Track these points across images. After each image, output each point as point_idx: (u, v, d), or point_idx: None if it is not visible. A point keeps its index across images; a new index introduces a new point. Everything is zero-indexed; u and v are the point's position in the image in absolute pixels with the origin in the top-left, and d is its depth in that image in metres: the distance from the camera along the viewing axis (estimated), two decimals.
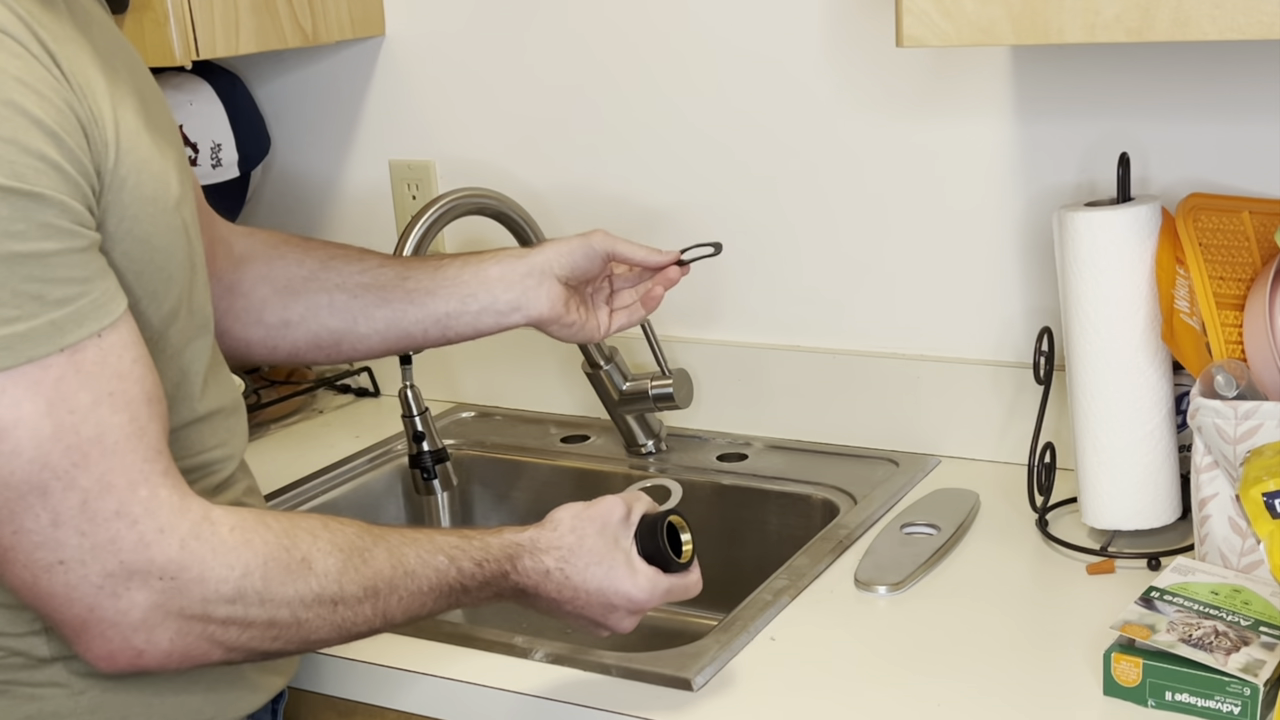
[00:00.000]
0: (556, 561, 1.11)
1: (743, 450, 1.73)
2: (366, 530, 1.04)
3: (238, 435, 1.17)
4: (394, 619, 1.04)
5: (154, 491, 0.93)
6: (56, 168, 0.90)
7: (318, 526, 1.02)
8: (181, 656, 0.96)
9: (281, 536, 0.98)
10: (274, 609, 0.97)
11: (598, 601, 1.12)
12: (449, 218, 1.60)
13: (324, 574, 0.99)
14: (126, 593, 0.92)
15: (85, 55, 0.98)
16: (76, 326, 0.90)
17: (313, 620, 0.99)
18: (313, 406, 1.97)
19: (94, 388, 0.91)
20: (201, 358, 1.11)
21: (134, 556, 0.92)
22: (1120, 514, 1.38)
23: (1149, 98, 1.48)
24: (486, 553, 1.09)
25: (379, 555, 1.03)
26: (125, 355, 0.93)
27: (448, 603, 1.07)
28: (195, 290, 1.09)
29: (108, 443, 0.91)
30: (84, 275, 0.91)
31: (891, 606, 1.33)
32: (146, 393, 0.94)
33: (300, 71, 1.97)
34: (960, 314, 1.63)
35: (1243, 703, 1.08)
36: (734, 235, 1.72)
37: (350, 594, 1.00)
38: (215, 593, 0.95)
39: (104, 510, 0.91)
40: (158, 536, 0.93)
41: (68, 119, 0.91)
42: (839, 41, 1.61)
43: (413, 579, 1.04)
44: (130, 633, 0.94)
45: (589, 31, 1.75)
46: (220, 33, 1.65)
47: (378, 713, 1.29)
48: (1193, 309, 1.32)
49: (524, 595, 1.11)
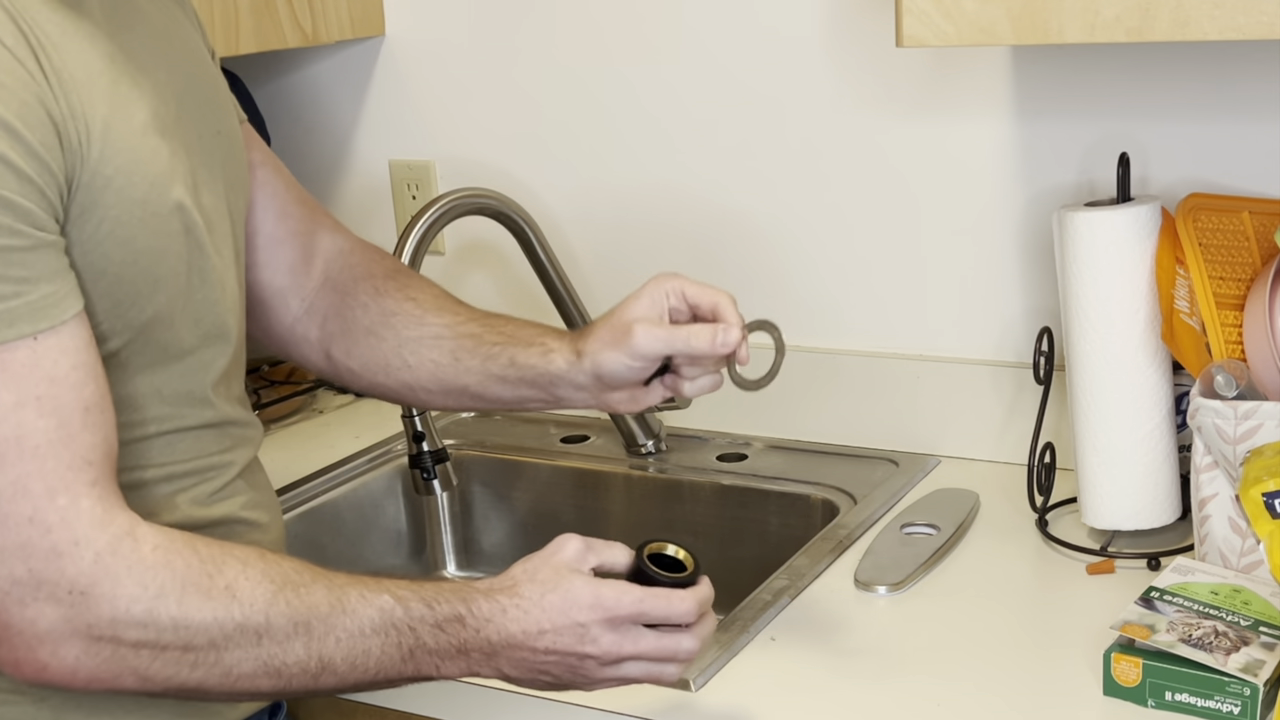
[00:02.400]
0: (511, 597, 1.01)
1: (743, 450, 1.73)
2: (308, 567, 0.99)
3: (247, 444, 1.15)
4: (333, 664, 0.97)
5: (74, 501, 0.90)
6: (6, 163, 0.88)
7: (253, 556, 0.97)
8: (89, 677, 0.93)
9: (207, 562, 0.94)
10: (189, 635, 0.93)
11: (565, 623, 1.00)
12: (449, 218, 1.60)
13: (248, 603, 0.94)
14: (34, 602, 0.90)
15: (94, 53, 0.96)
16: (5, 327, 0.88)
17: (234, 652, 0.94)
18: (313, 406, 1.97)
19: (19, 389, 0.89)
20: (213, 366, 1.09)
21: (44, 565, 0.89)
22: (1120, 514, 1.38)
23: (1149, 98, 1.48)
24: (438, 593, 1.00)
25: (316, 591, 0.97)
26: (63, 361, 0.91)
27: (398, 653, 0.99)
28: (202, 297, 1.06)
29: (27, 445, 0.89)
30: (22, 275, 0.89)
31: (891, 606, 1.33)
32: (84, 401, 0.92)
33: (300, 71, 1.97)
34: (960, 314, 1.63)
35: (1243, 703, 1.08)
36: (734, 235, 1.73)
37: (277, 626, 0.95)
38: (125, 612, 0.91)
39: (16, 514, 0.89)
40: (71, 548, 0.90)
41: (34, 113, 0.90)
42: (839, 41, 1.61)
43: (352, 617, 0.97)
44: (35, 644, 0.91)
45: (589, 32, 1.75)
46: (220, 33, 1.65)
47: (378, 713, 1.29)
48: (1193, 309, 1.32)
49: (489, 649, 1.01)
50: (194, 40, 1.15)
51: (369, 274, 1.29)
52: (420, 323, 1.26)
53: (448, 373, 1.24)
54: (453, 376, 1.24)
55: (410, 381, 1.26)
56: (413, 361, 1.25)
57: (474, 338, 1.24)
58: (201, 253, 1.05)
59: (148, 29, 1.06)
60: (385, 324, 1.26)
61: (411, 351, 1.25)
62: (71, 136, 0.92)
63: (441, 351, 1.25)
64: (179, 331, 1.05)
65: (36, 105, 0.90)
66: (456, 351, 1.24)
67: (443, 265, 1.93)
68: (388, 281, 1.29)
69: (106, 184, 0.95)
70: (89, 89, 0.95)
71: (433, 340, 1.25)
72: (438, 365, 1.24)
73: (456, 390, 1.25)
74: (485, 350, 1.23)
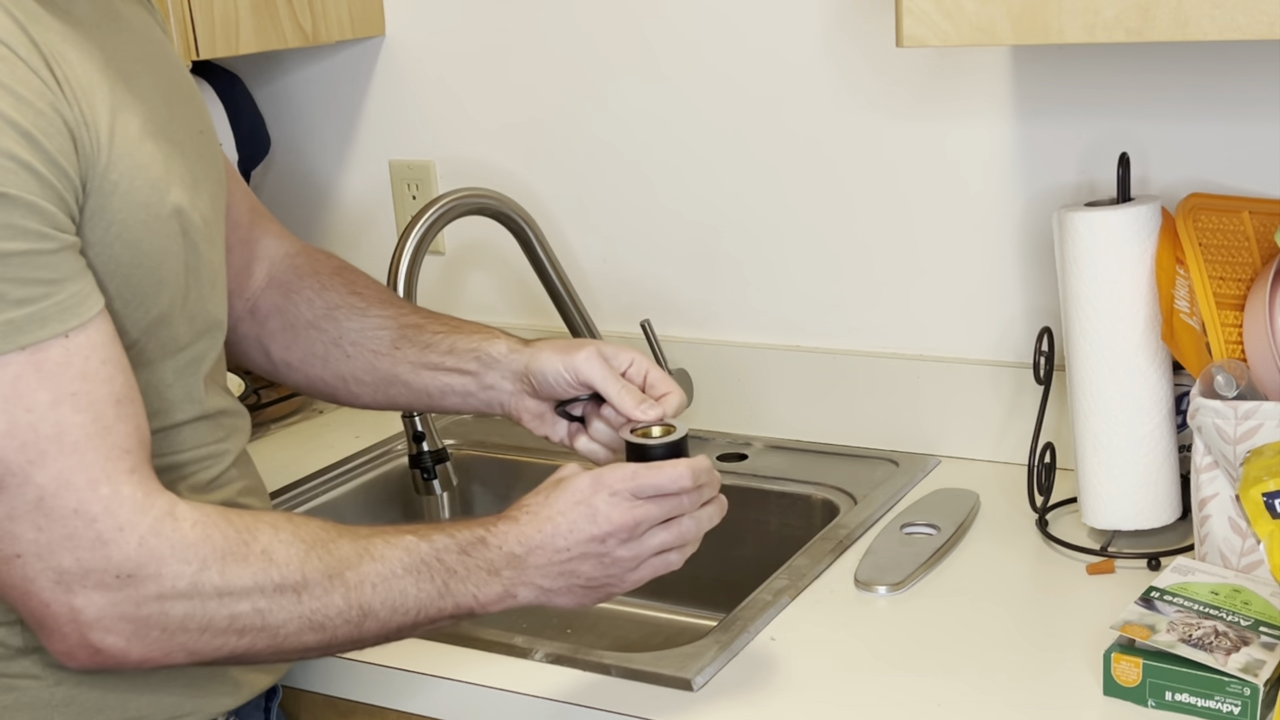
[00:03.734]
0: (522, 510, 1.08)
1: (743, 450, 1.73)
2: (332, 525, 1.03)
3: (238, 433, 1.17)
4: (373, 609, 1.01)
5: (116, 489, 0.93)
6: (29, 169, 0.90)
7: (281, 520, 1.01)
8: (140, 657, 0.96)
9: (242, 531, 0.98)
10: (233, 602, 0.96)
11: (571, 508, 1.06)
12: (449, 218, 1.60)
13: (284, 564, 0.98)
14: (82, 590, 0.93)
15: (91, 60, 0.99)
16: (38, 327, 0.91)
17: (277, 613, 0.98)
18: (313, 406, 1.97)
19: (55, 387, 0.91)
20: (205, 359, 1.12)
21: (90, 554, 0.92)
22: (1120, 514, 1.38)
23: (1149, 98, 1.48)
24: (457, 525, 1.06)
25: (343, 544, 1.01)
26: (93, 357, 0.93)
27: (433, 587, 1.03)
28: (196, 295, 1.09)
29: (67, 441, 0.92)
30: (51, 277, 0.92)
31: (891, 606, 1.33)
32: (115, 394, 0.95)
33: (300, 71, 1.97)
34: (960, 314, 1.63)
35: (1243, 703, 1.08)
36: (734, 235, 1.73)
37: (314, 581, 0.99)
38: (171, 588, 0.94)
39: (61, 507, 0.92)
40: (116, 534, 0.93)
41: (50, 122, 0.92)
42: (839, 41, 1.61)
43: (382, 562, 1.01)
44: (86, 630, 0.94)
45: (589, 31, 1.75)
46: (220, 33, 1.65)
47: (378, 713, 1.29)
48: (1193, 309, 1.32)
49: (516, 561, 1.06)
50: (167, 44, 1.17)
51: (314, 271, 1.32)
52: (363, 315, 1.29)
53: (384, 362, 1.27)
54: (388, 366, 1.27)
55: (345, 373, 1.29)
56: (351, 351, 1.28)
57: (416, 327, 1.28)
58: (196, 252, 1.08)
59: (130, 35, 1.08)
60: (328, 317, 1.30)
61: (351, 342, 1.28)
62: (85, 143, 0.95)
63: (381, 341, 1.28)
64: (177, 329, 1.08)
65: (53, 114, 0.93)
66: (397, 340, 1.27)
67: (443, 265, 1.93)
68: (333, 278, 1.32)
69: (114, 189, 0.97)
70: (93, 96, 0.97)
71: (374, 330, 1.28)
72: (375, 355, 1.28)
73: (388, 380, 1.28)
74: (426, 338, 1.27)
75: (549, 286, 1.70)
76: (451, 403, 1.27)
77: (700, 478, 1.10)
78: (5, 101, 0.90)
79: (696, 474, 1.09)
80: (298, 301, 1.31)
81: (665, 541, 1.09)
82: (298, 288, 1.31)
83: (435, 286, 1.92)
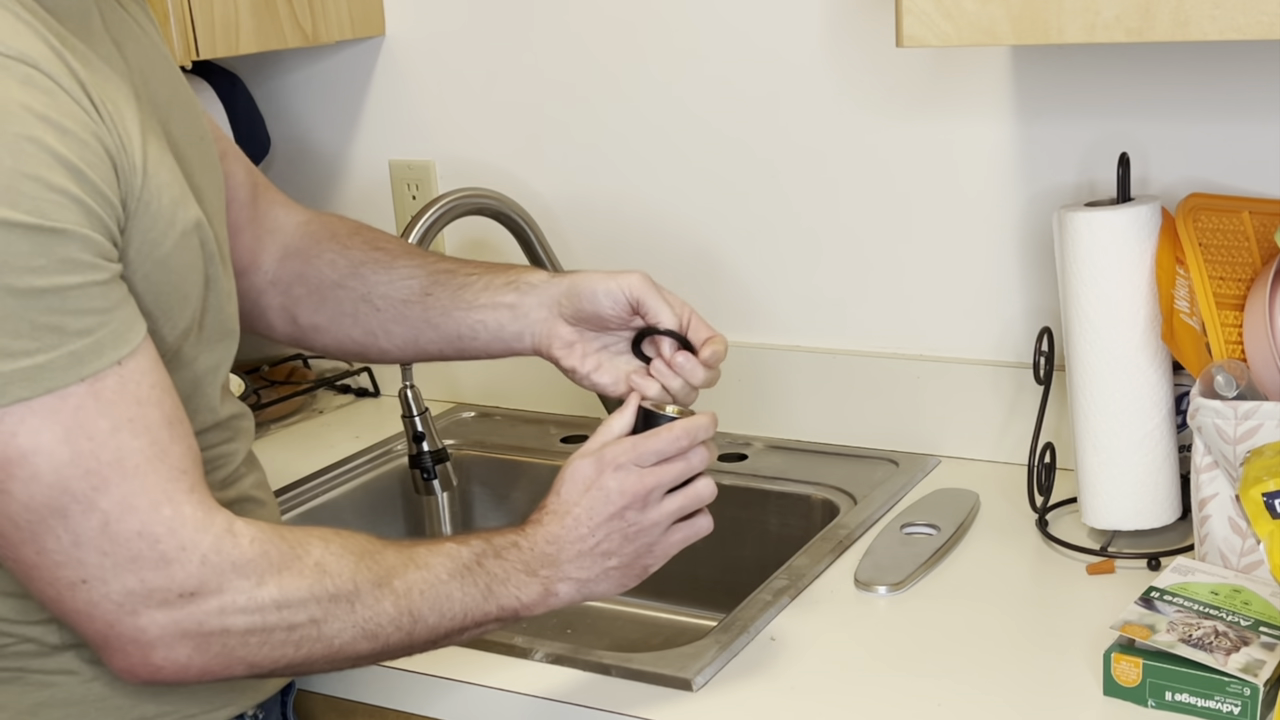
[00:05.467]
0: (543, 512, 1.11)
1: (743, 450, 1.73)
2: (375, 538, 1.06)
3: (244, 434, 1.19)
4: (422, 615, 1.04)
5: (178, 510, 0.95)
6: (79, 202, 0.91)
7: (330, 534, 1.03)
8: (200, 671, 0.98)
9: (295, 545, 1.00)
10: (291, 614, 0.98)
11: (583, 493, 1.10)
12: (449, 218, 1.60)
13: (337, 575, 1.00)
14: (146, 610, 0.94)
15: (117, 79, 1.00)
16: (96, 357, 0.92)
17: (332, 623, 1.00)
18: (313, 406, 1.97)
19: (113, 414, 0.93)
20: (221, 369, 1.14)
21: (154, 574, 0.94)
22: (1120, 514, 1.38)
23: (1149, 98, 1.48)
24: (492, 532, 1.10)
25: (389, 554, 1.04)
26: (144, 381, 0.95)
27: (477, 591, 1.06)
28: (215, 305, 1.10)
29: (128, 466, 0.93)
30: (104, 306, 0.93)
31: (891, 606, 1.33)
32: (166, 416, 0.96)
33: (300, 71, 1.97)
34: (960, 314, 1.63)
35: (1243, 703, 1.08)
36: (734, 235, 1.73)
37: (365, 590, 1.01)
38: (232, 603, 0.96)
39: (125, 531, 0.93)
40: (179, 553, 0.94)
41: (93, 152, 0.93)
42: (839, 41, 1.61)
43: (427, 569, 1.04)
44: (149, 649, 0.96)
45: (589, 31, 1.75)
46: (220, 33, 1.65)
47: (378, 713, 1.29)
48: (1193, 309, 1.32)
49: (549, 559, 1.09)
50: (163, 46, 1.18)
51: (332, 234, 1.33)
52: (389, 267, 1.29)
53: (414, 309, 1.27)
54: (419, 313, 1.27)
55: (375, 326, 1.29)
56: (380, 304, 1.29)
57: (449, 272, 1.28)
58: (214, 264, 1.09)
59: (139, 43, 1.09)
60: (354, 274, 1.30)
61: (381, 295, 1.29)
62: (124, 168, 0.96)
63: (411, 289, 1.28)
64: (198, 341, 1.09)
65: (95, 143, 0.93)
66: (428, 286, 1.27)
67: None
68: (352, 237, 1.32)
69: (145, 209, 0.98)
70: (125, 118, 0.98)
71: (402, 280, 1.28)
72: (405, 304, 1.28)
73: (418, 326, 1.28)
74: (460, 280, 1.26)
75: None
76: (482, 342, 1.26)
77: (698, 435, 1.12)
78: (53, 136, 0.90)
79: (693, 432, 1.12)
80: (319, 265, 1.31)
81: (683, 505, 1.12)
82: (317, 252, 1.31)
83: None
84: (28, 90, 0.90)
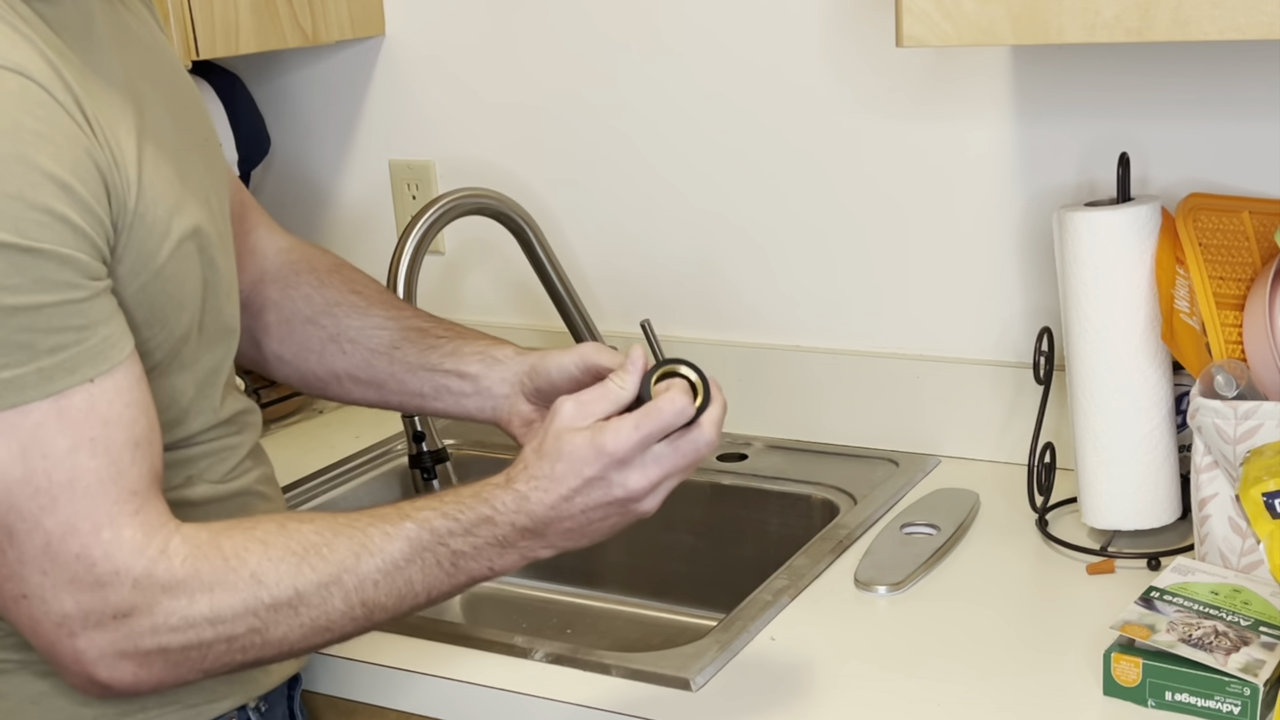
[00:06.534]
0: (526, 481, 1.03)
1: (743, 450, 1.73)
2: (329, 523, 1.02)
3: (250, 428, 1.19)
4: (379, 603, 1.01)
5: (117, 534, 0.94)
6: (63, 220, 0.91)
7: (273, 534, 1.00)
8: (154, 684, 0.98)
9: (231, 557, 0.98)
10: (227, 628, 0.97)
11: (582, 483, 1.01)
12: (449, 218, 1.60)
13: (274, 583, 0.98)
14: (84, 632, 0.95)
15: (114, 89, 0.99)
16: (67, 374, 0.92)
17: (277, 629, 0.99)
18: (313, 406, 1.97)
19: (74, 433, 0.92)
20: (223, 368, 1.14)
21: (89, 597, 0.94)
22: (1120, 514, 1.38)
23: (1149, 98, 1.48)
24: (460, 503, 1.03)
25: (339, 546, 1.00)
26: (117, 401, 0.94)
27: (440, 570, 1.02)
28: (214, 307, 1.10)
29: (79, 487, 0.93)
30: (81, 324, 0.92)
31: (891, 606, 1.33)
32: (134, 437, 0.96)
33: (300, 71, 1.97)
34: (960, 314, 1.63)
35: (1243, 703, 1.08)
36: (733, 235, 1.73)
37: (309, 593, 0.99)
38: (165, 624, 0.96)
39: (66, 553, 0.93)
40: (113, 578, 0.94)
41: (84, 167, 0.93)
42: (839, 42, 1.61)
43: (381, 557, 1.01)
44: (92, 670, 0.96)
45: (589, 31, 1.75)
46: (220, 33, 1.65)
47: (378, 713, 1.29)
48: (1193, 309, 1.32)
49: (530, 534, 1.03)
50: (168, 46, 1.17)
51: (311, 268, 1.33)
52: (364, 313, 1.29)
53: (381, 360, 1.27)
54: (385, 365, 1.27)
55: (339, 369, 1.29)
56: (348, 349, 1.28)
57: (420, 331, 1.28)
58: (213, 267, 1.09)
59: (137, 47, 1.08)
60: (327, 313, 1.30)
61: (350, 339, 1.29)
62: (117, 185, 0.96)
63: (380, 340, 1.28)
64: (197, 343, 1.09)
65: (87, 159, 0.93)
66: (397, 341, 1.27)
67: (443, 265, 1.93)
68: (331, 275, 1.32)
69: (140, 221, 0.98)
70: (119, 132, 0.98)
71: (374, 330, 1.28)
72: (373, 353, 1.28)
73: (382, 378, 1.27)
74: (430, 341, 1.26)
75: (549, 286, 1.70)
76: (444, 404, 1.26)
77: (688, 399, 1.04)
78: (44, 151, 0.90)
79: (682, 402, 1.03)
80: (295, 296, 1.31)
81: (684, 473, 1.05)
82: (295, 283, 1.32)
83: (435, 286, 1.92)
84: (20, 103, 0.90)
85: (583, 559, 1.73)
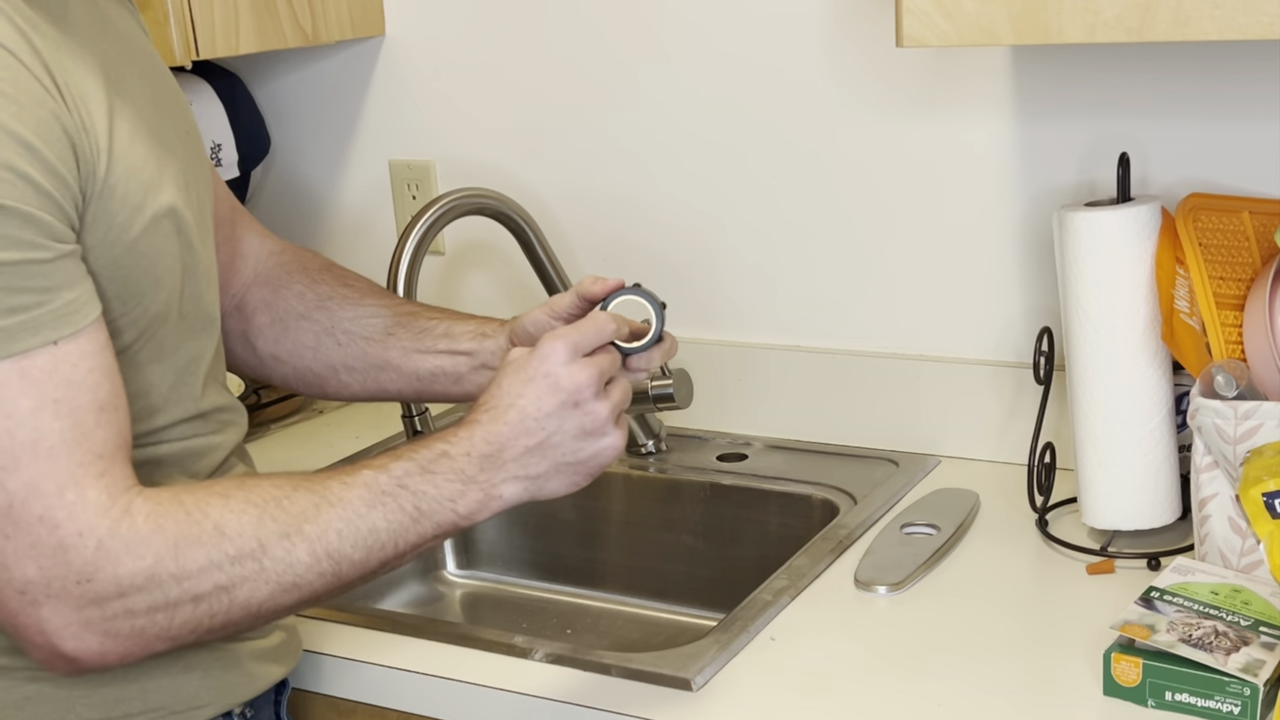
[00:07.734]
0: (477, 410, 1.06)
1: (743, 450, 1.73)
2: (289, 479, 1.02)
3: (232, 427, 1.18)
4: (344, 554, 1.00)
5: (81, 494, 0.93)
6: (26, 179, 0.91)
7: (233, 488, 1.00)
8: (121, 655, 0.96)
9: (193, 511, 0.97)
10: (193, 585, 0.96)
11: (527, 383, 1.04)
12: (449, 218, 1.60)
13: (237, 534, 0.97)
14: (48, 600, 0.93)
15: (87, 66, 0.99)
16: (29, 335, 0.91)
17: (242, 585, 0.97)
18: (313, 406, 1.97)
19: (38, 394, 0.92)
20: (204, 357, 1.13)
21: (52, 562, 0.92)
22: (1120, 514, 1.38)
23: (1149, 98, 1.48)
24: (416, 445, 1.05)
25: (299, 497, 1.00)
26: (81, 364, 0.94)
27: (404, 516, 1.02)
28: (192, 293, 1.10)
29: (42, 448, 0.92)
30: (45, 285, 0.92)
31: (891, 606, 1.33)
32: (99, 401, 0.95)
33: (300, 71, 1.97)
34: (960, 314, 1.63)
35: (1243, 703, 1.08)
36: (734, 235, 1.73)
37: (272, 543, 0.98)
38: (130, 585, 0.94)
39: (28, 515, 0.92)
40: (76, 540, 0.93)
41: (51, 130, 0.93)
42: (839, 42, 1.61)
43: (341, 505, 1.00)
44: (58, 641, 0.94)
45: (589, 32, 1.75)
46: (220, 33, 1.66)
47: (378, 713, 1.29)
48: (1193, 309, 1.32)
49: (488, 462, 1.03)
50: (150, 45, 1.18)
51: (303, 268, 1.34)
52: (357, 304, 1.31)
53: (375, 348, 1.29)
54: (379, 351, 1.28)
55: (335, 361, 1.30)
56: (343, 340, 1.30)
57: (412, 314, 1.30)
58: (190, 250, 1.09)
59: (117, 38, 1.09)
60: (320, 308, 1.31)
61: (344, 330, 1.30)
62: (85, 151, 0.96)
63: (374, 328, 1.29)
64: (174, 328, 1.09)
65: (53, 121, 0.93)
66: (391, 326, 1.29)
67: (443, 265, 1.93)
68: (323, 273, 1.34)
69: (111, 193, 0.98)
70: (90, 102, 0.98)
71: (368, 318, 1.30)
72: (368, 341, 1.29)
73: (378, 366, 1.29)
74: (422, 324, 1.29)
75: (549, 286, 1.70)
76: (441, 387, 1.28)
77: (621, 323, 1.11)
78: (8, 111, 0.90)
79: (619, 321, 1.11)
80: (287, 296, 1.32)
81: (626, 390, 1.09)
82: (287, 283, 1.33)
83: (435, 286, 1.92)
84: None
85: (583, 559, 1.74)
